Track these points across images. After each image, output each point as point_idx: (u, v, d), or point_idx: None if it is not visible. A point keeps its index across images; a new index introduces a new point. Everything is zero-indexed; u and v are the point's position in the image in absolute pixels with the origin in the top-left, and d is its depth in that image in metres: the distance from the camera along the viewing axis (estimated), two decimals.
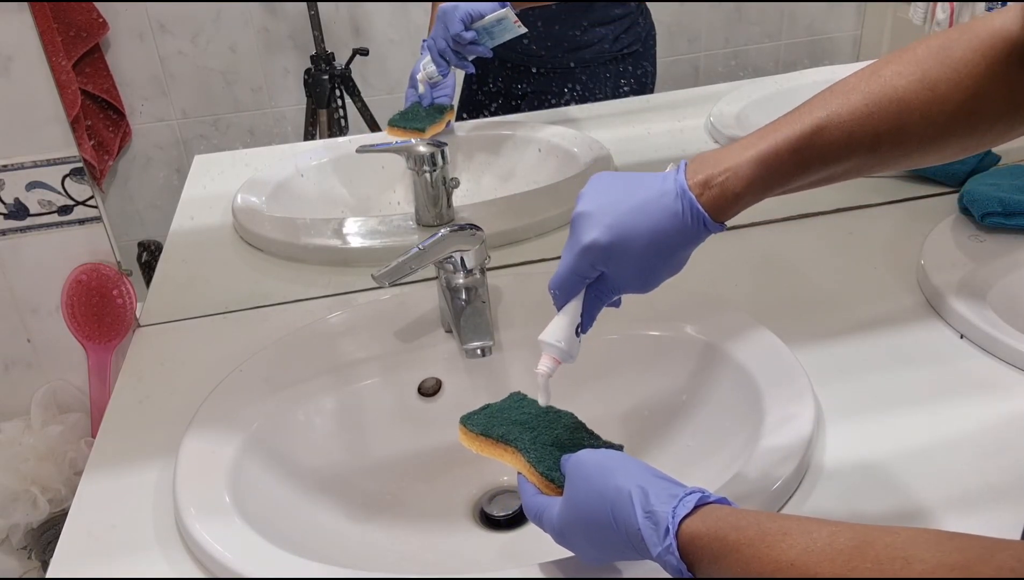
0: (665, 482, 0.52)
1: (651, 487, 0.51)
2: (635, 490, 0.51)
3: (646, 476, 0.53)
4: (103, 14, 1.09)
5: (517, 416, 0.65)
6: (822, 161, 0.56)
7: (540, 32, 1.25)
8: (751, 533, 0.46)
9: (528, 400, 0.67)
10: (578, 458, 0.57)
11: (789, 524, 0.46)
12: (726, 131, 1.27)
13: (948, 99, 0.54)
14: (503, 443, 0.63)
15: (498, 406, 0.67)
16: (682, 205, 0.57)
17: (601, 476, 0.54)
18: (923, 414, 0.76)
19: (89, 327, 1.05)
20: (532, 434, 0.63)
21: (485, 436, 0.64)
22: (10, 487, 1.04)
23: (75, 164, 0.99)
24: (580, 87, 1.30)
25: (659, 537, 0.49)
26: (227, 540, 0.65)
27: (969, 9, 1.36)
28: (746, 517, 0.48)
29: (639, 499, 0.51)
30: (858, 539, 0.42)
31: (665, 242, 0.57)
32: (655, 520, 0.50)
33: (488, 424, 0.65)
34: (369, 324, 0.92)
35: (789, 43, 1.36)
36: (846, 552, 0.42)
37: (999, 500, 0.66)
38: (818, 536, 0.44)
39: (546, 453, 0.61)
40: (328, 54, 1.17)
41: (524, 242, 1.08)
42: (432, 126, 1.13)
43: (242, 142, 1.20)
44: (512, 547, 0.77)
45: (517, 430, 0.63)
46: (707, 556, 0.48)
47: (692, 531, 0.48)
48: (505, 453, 0.63)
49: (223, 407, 0.80)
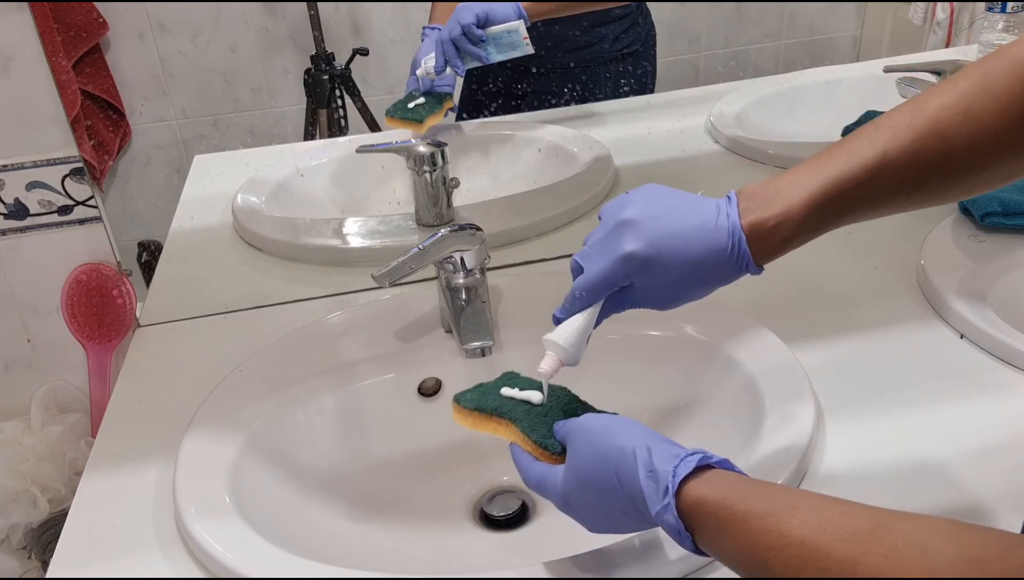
0: (668, 443, 0.52)
1: (654, 446, 0.51)
2: (639, 449, 0.51)
3: (649, 436, 0.53)
4: (103, 14, 1.09)
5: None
6: (871, 202, 0.56)
7: (540, 32, 1.25)
8: (760, 506, 0.45)
9: (521, 378, 0.67)
10: (579, 422, 0.57)
11: (800, 499, 0.45)
12: (726, 131, 1.27)
13: (992, 129, 0.54)
14: (496, 416, 0.63)
15: (491, 383, 0.67)
16: (730, 244, 0.56)
17: (604, 438, 0.54)
18: (923, 414, 0.76)
19: (89, 327, 1.05)
20: (525, 406, 0.63)
21: (479, 411, 0.64)
22: (10, 487, 1.04)
23: (75, 164, 0.99)
24: (580, 87, 1.30)
25: (659, 495, 0.49)
26: (227, 540, 0.65)
27: (969, 9, 1.36)
28: (755, 487, 0.47)
29: (642, 458, 0.51)
30: (873, 522, 0.42)
31: (704, 274, 0.57)
32: (656, 479, 0.50)
33: (481, 400, 0.64)
34: (369, 324, 0.92)
35: (789, 43, 1.36)
36: (860, 534, 0.41)
37: (999, 500, 0.66)
38: (831, 515, 0.43)
39: (539, 422, 0.61)
40: (328, 54, 1.17)
41: (524, 242, 1.08)
42: (430, 117, 1.12)
43: (242, 142, 1.20)
44: (512, 547, 0.77)
45: (510, 403, 0.63)
46: (711, 523, 0.47)
47: (698, 495, 0.48)
48: (499, 426, 0.63)
49: (223, 407, 0.80)
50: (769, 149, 1.24)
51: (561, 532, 0.77)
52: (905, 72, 1.24)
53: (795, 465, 0.67)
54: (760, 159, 1.24)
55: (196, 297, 1.03)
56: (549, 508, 0.80)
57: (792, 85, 1.36)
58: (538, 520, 0.80)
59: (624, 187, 1.18)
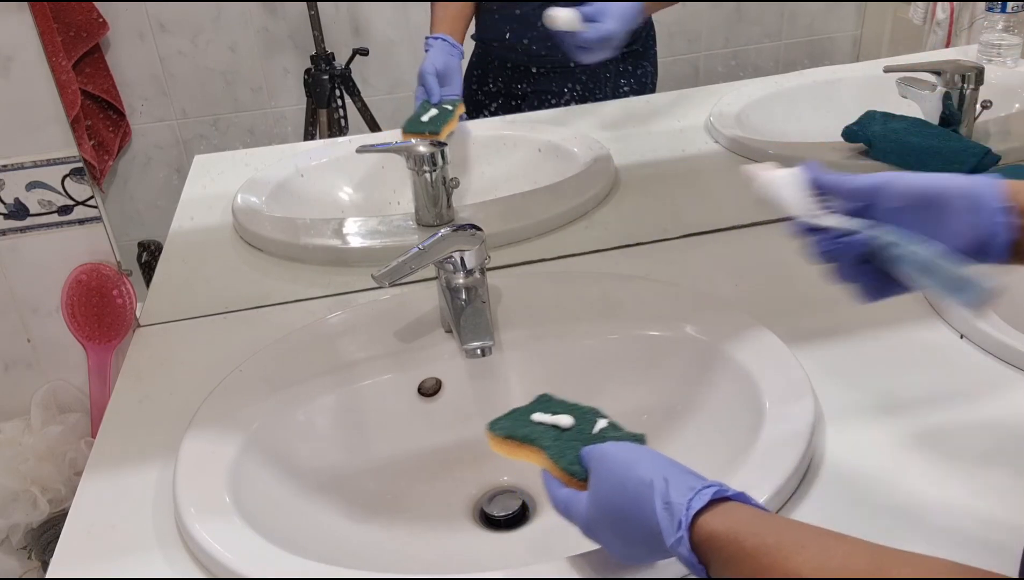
0: (687, 475, 0.53)
1: (672, 478, 0.52)
2: (657, 480, 0.52)
3: (668, 468, 0.53)
4: (103, 14, 1.09)
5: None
6: None
7: (540, 32, 1.25)
8: (769, 540, 0.46)
9: (554, 401, 0.68)
10: (602, 450, 0.58)
11: (808, 536, 0.46)
12: (726, 131, 1.27)
13: None
14: (527, 443, 0.64)
15: (524, 408, 0.68)
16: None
17: (625, 468, 0.55)
18: (923, 414, 0.76)
19: (89, 327, 1.05)
20: (555, 432, 0.64)
21: (511, 439, 0.65)
22: (10, 487, 1.04)
23: (75, 164, 0.99)
24: (580, 87, 1.29)
25: (673, 528, 0.50)
26: (227, 540, 0.65)
27: (969, 9, 1.36)
28: (766, 522, 0.48)
29: (659, 489, 0.51)
30: (874, 563, 0.43)
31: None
32: (671, 511, 0.50)
33: (513, 427, 0.66)
34: (369, 324, 0.92)
35: (789, 43, 1.36)
36: (859, 574, 0.42)
37: (999, 500, 0.66)
38: (834, 554, 0.44)
39: (568, 447, 0.62)
40: (328, 54, 1.17)
41: (524, 242, 1.08)
42: (445, 126, 1.13)
43: (242, 142, 1.20)
44: (512, 547, 0.77)
45: (540, 429, 0.65)
46: (723, 557, 0.48)
47: (710, 529, 0.49)
48: (531, 453, 0.64)
49: (223, 407, 0.80)
50: (769, 149, 1.24)
51: (561, 532, 0.76)
52: (905, 72, 1.24)
53: (795, 465, 0.67)
54: (760, 159, 1.23)
55: (196, 297, 1.03)
56: (549, 508, 0.80)
57: (792, 85, 1.36)
58: (538, 520, 0.80)
59: (624, 187, 1.19)
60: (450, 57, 1.19)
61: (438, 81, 1.16)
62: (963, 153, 1.11)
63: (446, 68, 1.18)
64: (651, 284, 0.95)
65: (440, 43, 1.19)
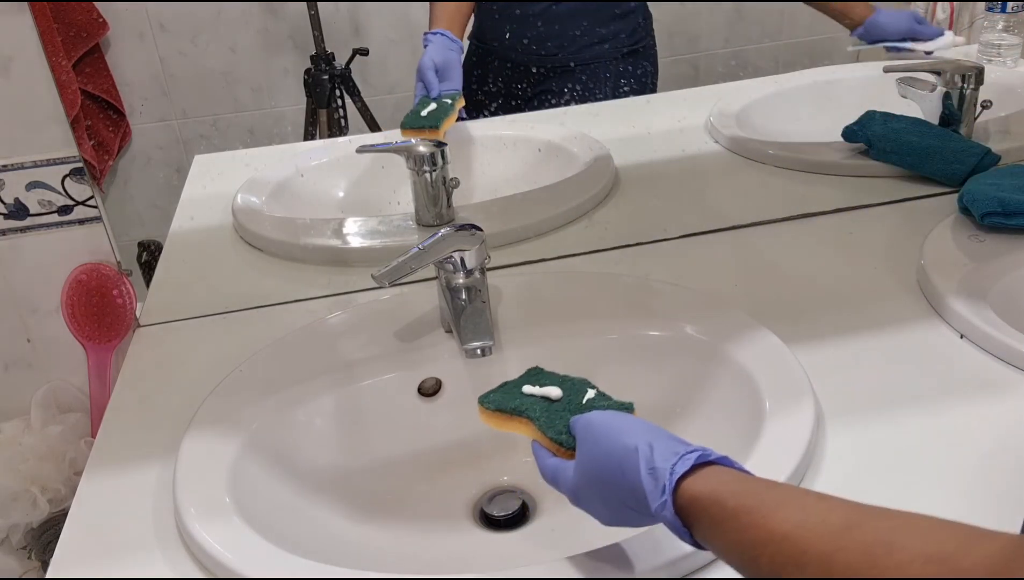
0: (671, 440, 0.53)
1: (657, 444, 0.52)
2: (642, 446, 0.52)
3: (653, 434, 0.54)
4: (103, 14, 1.09)
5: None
6: None
7: (540, 32, 1.26)
8: (749, 501, 0.47)
9: (545, 373, 0.69)
10: (588, 419, 0.58)
11: (787, 495, 0.46)
12: (726, 131, 1.27)
13: None
14: (516, 415, 0.65)
15: (514, 381, 0.69)
16: None
17: (610, 435, 0.55)
18: (923, 414, 0.76)
19: (89, 327, 1.05)
20: (544, 403, 0.65)
21: (500, 411, 0.66)
22: (10, 487, 1.04)
23: (75, 164, 0.99)
24: (580, 87, 1.30)
25: (657, 492, 0.50)
26: (227, 540, 0.65)
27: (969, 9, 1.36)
28: (747, 483, 0.49)
29: (644, 455, 0.52)
30: (850, 519, 0.43)
31: None
32: (656, 476, 0.51)
33: (502, 399, 0.67)
34: (369, 324, 0.92)
35: (789, 43, 1.36)
36: (835, 531, 0.42)
37: (1000, 500, 0.66)
38: (813, 511, 0.44)
39: (557, 418, 0.63)
40: (328, 54, 1.17)
41: (524, 242, 1.08)
42: (445, 121, 1.12)
43: (242, 142, 1.20)
44: (512, 547, 0.77)
45: (530, 401, 0.66)
46: (706, 519, 0.48)
47: (693, 492, 0.49)
48: (520, 425, 0.65)
49: (223, 407, 0.80)
50: (769, 149, 1.24)
51: (561, 532, 0.77)
52: (905, 72, 1.24)
53: (795, 466, 0.67)
54: (760, 159, 1.24)
55: (196, 297, 1.03)
56: (549, 508, 0.80)
57: (792, 85, 1.36)
58: (538, 520, 0.80)
59: (624, 187, 1.19)
60: (449, 52, 1.19)
61: (437, 76, 1.16)
62: (963, 153, 1.12)
63: (445, 63, 1.18)
64: (651, 284, 0.95)
65: (439, 38, 1.19)
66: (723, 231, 1.09)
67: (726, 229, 1.09)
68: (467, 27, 1.26)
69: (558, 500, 0.80)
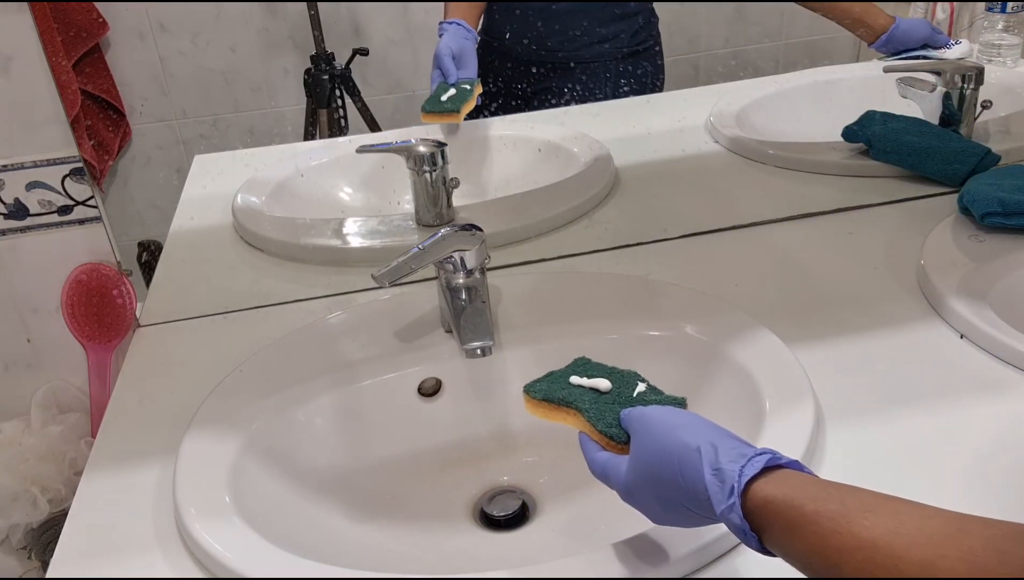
0: (735, 440, 0.51)
1: (720, 444, 0.51)
2: (704, 446, 0.51)
3: (715, 433, 0.52)
4: (103, 14, 1.09)
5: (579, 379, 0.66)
6: None
7: (540, 31, 1.26)
8: (832, 506, 0.44)
9: (592, 363, 0.68)
10: (643, 414, 0.56)
11: (874, 501, 0.44)
12: (726, 131, 1.27)
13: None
14: (564, 406, 0.63)
15: (561, 371, 0.67)
16: None
17: (668, 432, 0.53)
18: (923, 414, 0.76)
19: (89, 327, 1.05)
20: (593, 395, 0.63)
21: (547, 401, 0.64)
22: (10, 487, 1.04)
23: (75, 164, 0.99)
24: (580, 87, 1.30)
25: (724, 495, 0.48)
26: (227, 540, 0.65)
27: (969, 9, 1.36)
28: (827, 488, 0.46)
29: (707, 455, 0.50)
30: (952, 526, 0.41)
31: None
32: (722, 477, 0.49)
33: (550, 389, 0.65)
34: (369, 324, 0.92)
35: (789, 43, 1.36)
36: (937, 538, 0.40)
37: (1000, 500, 0.66)
38: (907, 518, 0.42)
39: (607, 410, 0.61)
40: (328, 54, 1.17)
41: (524, 242, 1.08)
42: (465, 105, 1.14)
43: (242, 142, 1.20)
44: (512, 547, 0.77)
45: (578, 391, 0.64)
46: (780, 523, 0.46)
47: (766, 495, 0.47)
48: (568, 416, 0.63)
49: (223, 407, 0.80)
50: (769, 149, 1.24)
51: (561, 532, 0.77)
52: (905, 72, 1.24)
53: None
54: (760, 159, 1.24)
55: (196, 297, 1.03)
56: (549, 508, 0.80)
57: (792, 85, 1.36)
58: (538, 520, 0.80)
59: (624, 187, 1.19)
60: (465, 41, 1.20)
61: (455, 63, 1.17)
62: (963, 153, 1.12)
63: (461, 50, 1.19)
64: (651, 284, 0.95)
65: (455, 27, 1.19)
66: (723, 231, 1.09)
67: (726, 229, 1.09)
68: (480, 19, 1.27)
69: (558, 500, 0.81)
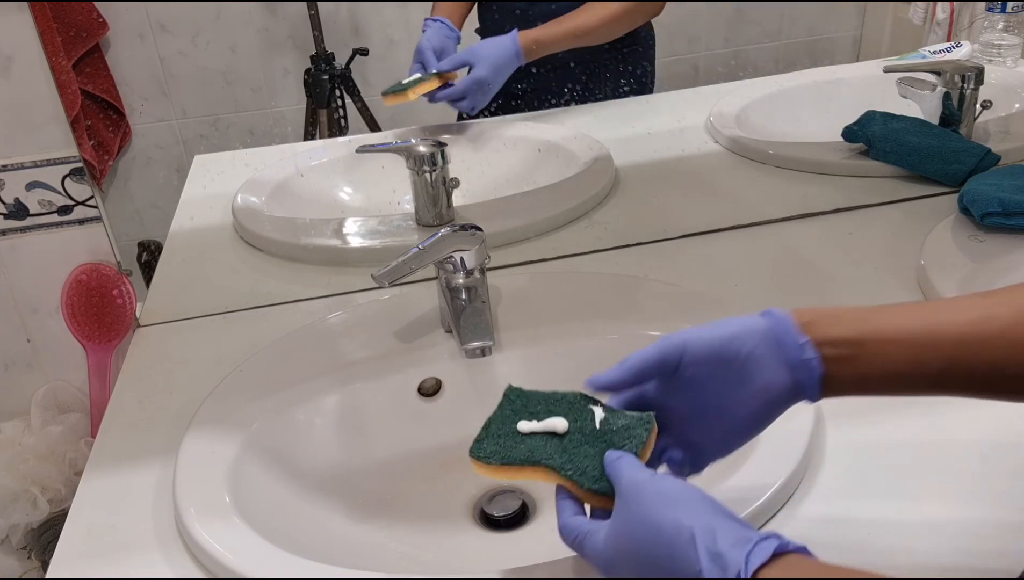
0: (734, 522, 0.48)
1: (719, 527, 0.47)
2: (699, 529, 0.47)
3: (712, 513, 0.48)
4: (103, 14, 1.09)
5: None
6: None
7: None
8: None
9: (528, 394, 0.61)
10: (636, 482, 0.51)
11: None
12: (726, 131, 1.27)
13: None
14: (529, 466, 0.56)
15: (499, 418, 0.60)
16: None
17: (660, 508, 0.49)
18: (923, 414, 0.75)
19: (89, 327, 1.05)
20: (555, 441, 0.57)
21: (508, 465, 0.57)
22: (10, 487, 1.04)
23: (75, 164, 0.99)
24: (580, 86, 1.30)
25: None
26: (227, 540, 0.65)
27: (969, 9, 1.36)
28: (833, 574, 0.45)
29: (703, 539, 0.46)
30: None
31: None
32: (723, 564, 0.45)
33: (503, 449, 0.57)
34: (369, 324, 0.92)
35: (789, 43, 1.36)
36: None
37: (1000, 501, 0.66)
38: None
39: (582, 458, 0.55)
40: (328, 54, 1.17)
41: (524, 242, 1.08)
42: (416, 87, 1.15)
43: (242, 142, 1.20)
44: (512, 547, 0.77)
45: (536, 442, 0.57)
46: None
47: None
48: (536, 473, 0.56)
49: (223, 407, 0.80)
50: (769, 149, 1.24)
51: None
52: (905, 72, 1.24)
53: (795, 466, 0.67)
54: (760, 159, 1.24)
55: (196, 297, 1.03)
56: (549, 508, 0.80)
57: (792, 85, 1.36)
58: (538, 520, 0.80)
59: (624, 187, 1.19)
60: (447, 39, 1.21)
61: (436, 58, 1.18)
62: (963, 153, 1.12)
63: (443, 48, 1.21)
64: (651, 284, 0.95)
65: (438, 24, 1.21)
66: (723, 231, 1.09)
67: (726, 229, 1.09)
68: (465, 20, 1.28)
69: None
